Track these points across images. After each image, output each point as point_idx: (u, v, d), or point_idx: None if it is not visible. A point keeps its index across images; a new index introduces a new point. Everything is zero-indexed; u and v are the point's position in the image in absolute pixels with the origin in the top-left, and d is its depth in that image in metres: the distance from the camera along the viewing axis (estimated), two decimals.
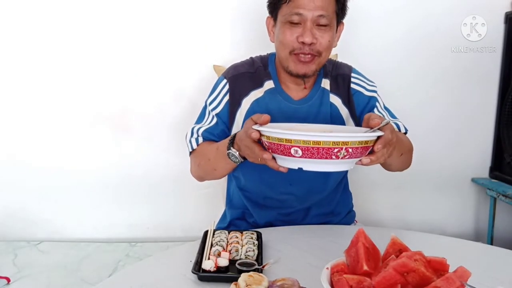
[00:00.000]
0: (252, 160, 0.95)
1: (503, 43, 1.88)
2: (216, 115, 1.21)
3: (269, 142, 0.85)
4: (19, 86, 1.78)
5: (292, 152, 0.81)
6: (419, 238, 1.10)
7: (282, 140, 0.81)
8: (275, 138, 0.83)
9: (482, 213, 2.01)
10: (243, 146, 0.95)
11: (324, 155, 0.79)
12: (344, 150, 0.79)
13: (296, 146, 0.80)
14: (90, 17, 1.76)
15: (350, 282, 0.62)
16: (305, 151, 0.79)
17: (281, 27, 1.11)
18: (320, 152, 0.79)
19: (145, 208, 1.90)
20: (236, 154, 1.01)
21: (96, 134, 1.83)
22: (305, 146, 0.79)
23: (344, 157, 0.80)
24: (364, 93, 1.23)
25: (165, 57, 1.81)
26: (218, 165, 1.13)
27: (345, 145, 0.78)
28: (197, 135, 1.20)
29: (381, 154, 0.86)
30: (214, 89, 1.23)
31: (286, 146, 0.81)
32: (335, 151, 0.79)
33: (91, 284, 1.47)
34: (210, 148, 1.15)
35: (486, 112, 1.95)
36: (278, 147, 0.83)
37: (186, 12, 1.79)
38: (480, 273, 0.66)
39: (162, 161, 1.87)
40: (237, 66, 1.25)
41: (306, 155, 0.80)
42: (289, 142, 0.80)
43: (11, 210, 1.84)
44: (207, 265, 0.86)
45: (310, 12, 1.06)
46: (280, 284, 0.73)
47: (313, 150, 0.79)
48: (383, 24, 1.85)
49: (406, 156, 1.16)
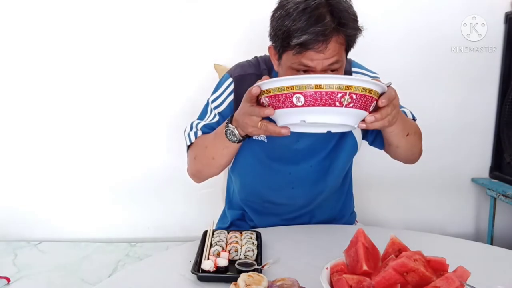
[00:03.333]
0: (252, 129, 0.90)
1: (503, 43, 1.88)
2: (218, 114, 1.15)
3: (269, 97, 0.82)
4: (20, 87, 1.79)
5: (294, 100, 0.77)
6: (419, 238, 1.09)
7: (283, 89, 0.78)
8: (276, 89, 0.79)
9: (482, 213, 2.01)
10: (242, 116, 0.91)
11: (327, 102, 0.76)
12: (348, 95, 0.76)
13: (298, 92, 0.77)
14: (91, 17, 1.76)
15: (349, 282, 0.62)
16: (308, 97, 0.76)
17: (286, 71, 0.99)
18: (323, 97, 0.76)
19: (145, 208, 1.90)
20: (235, 131, 0.96)
21: (96, 134, 1.83)
22: (307, 92, 0.76)
23: (348, 104, 0.77)
24: None
25: (165, 57, 1.81)
26: (215, 152, 1.07)
27: (348, 90, 0.76)
28: (196, 129, 1.15)
29: (385, 113, 0.83)
30: (218, 87, 1.18)
31: (288, 95, 0.78)
32: (339, 97, 0.76)
33: (91, 284, 1.47)
34: (207, 136, 1.10)
35: (486, 112, 1.95)
36: (279, 98, 0.80)
37: (187, 12, 1.79)
38: (479, 273, 0.66)
39: (162, 161, 1.87)
40: (244, 66, 1.18)
41: (308, 102, 0.77)
42: (291, 89, 0.77)
43: (11, 210, 1.84)
44: (206, 265, 0.85)
45: (320, 63, 0.94)
46: (279, 284, 0.73)
47: (316, 95, 0.76)
48: (383, 24, 1.85)
49: (413, 138, 1.11)
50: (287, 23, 0.93)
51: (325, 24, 0.90)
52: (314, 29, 0.90)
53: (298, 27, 0.91)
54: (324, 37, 0.91)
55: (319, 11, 0.91)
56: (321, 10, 0.91)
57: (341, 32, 0.93)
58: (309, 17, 0.91)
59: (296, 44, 0.92)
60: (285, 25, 0.93)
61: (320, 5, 0.91)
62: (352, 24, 0.95)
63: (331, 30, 0.91)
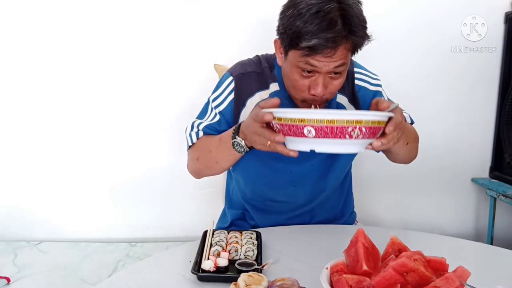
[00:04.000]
0: (260, 146, 0.91)
1: (503, 43, 1.88)
2: (219, 113, 1.16)
3: (280, 124, 0.83)
4: (20, 87, 1.78)
5: (305, 132, 0.79)
6: (419, 238, 1.09)
7: (295, 120, 0.80)
8: (287, 119, 0.81)
9: (482, 213, 2.01)
10: (251, 133, 0.91)
11: (337, 135, 0.78)
12: (357, 129, 0.78)
13: (309, 125, 0.78)
14: (91, 17, 1.76)
15: (349, 282, 0.62)
16: (319, 130, 0.78)
17: (291, 67, 1.00)
18: (334, 131, 0.78)
19: (145, 208, 1.90)
20: (242, 143, 0.97)
21: (96, 134, 1.83)
22: (318, 126, 0.77)
23: (357, 136, 0.79)
24: (369, 88, 1.19)
25: (165, 56, 1.81)
26: (220, 157, 1.08)
27: (358, 124, 0.78)
28: (197, 129, 1.16)
29: (392, 137, 0.85)
30: (219, 86, 1.18)
31: (299, 126, 0.79)
32: (349, 130, 0.78)
33: (91, 284, 1.47)
34: (211, 140, 1.11)
35: (486, 112, 1.95)
36: (290, 128, 0.81)
37: (187, 12, 1.79)
38: (479, 273, 0.66)
39: (162, 161, 1.87)
40: (244, 64, 1.19)
41: (319, 134, 0.78)
42: (303, 122, 0.79)
43: (11, 210, 1.84)
44: (206, 265, 0.86)
45: (326, 65, 0.95)
46: (279, 284, 0.73)
47: (327, 129, 0.78)
48: (383, 24, 1.84)
49: (412, 145, 1.13)
50: (299, 24, 0.93)
51: (336, 31, 0.91)
52: (325, 34, 0.91)
53: (310, 30, 0.91)
54: (334, 44, 0.92)
55: (332, 15, 0.91)
56: (333, 14, 0.91)
57: (350, 40, 0.94)
58: (321, 21, 0.91)
59: (306, 47, 0.93)
60: (296, 25, 0.93)
61: (333, 9, 0.91)
62: (362, 32, 0.96)
63: (341, 38, 0.92)
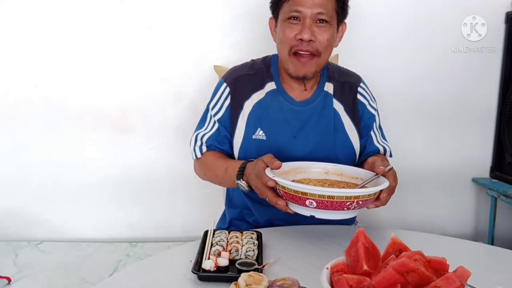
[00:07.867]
0: (262, 197, 0.99)
1: (503, 43, 1.88)
2: (217, 121, 1.21)
3: (284, 192, 0.91)
4: (19, 85, 1.78)
5: (307, 203, 0.88)
6: (419, 238, 1.09)
7: (298, 192, 0.88)
8: (291, 190, 0.89)
9: (483, 213, 2.01)
10: (253, 186, 1.01)
11: (337, 207, 0.87)
12: (355, 202, 0.87)
13: (311, 199, 0.87)
14: (91, 17, 1.76)
15: (350, 282, 0.62)
16: (320, 203, 0.87)
17: (281, 25, 1.13)
18: (333, 204, 0.86)
19: (145, 208, 1.90)
20: (246, 186, 1.05)
21: (97, 134, 1.83)
22: (320, 200, 0.86)
23: (354, 208, 0.89)
24: (367, 107, 1.25)
25: (165, 57, 1.81)
26: (225, 183, 1.21)
27: (356, 199, 0.87)
28: (200, 143, 1.22)
29: (385, 201, 0.96)
30: (215, 93, 1.24)
31: (302, 198, 0.88)
32: (347, 204, 0.87)
33: (92, 284, 1.47)
34: (217, 165, 1.18)
35: (487, 112, 1.95)
36: (293, 197, 0.90)
37: (187, 13, 1.79)
38: (480, 273, 0.66)
39: (163, 161, 1.87)
40: (237, 69, 1.25)
41: (320, 206, 0.87)
42: (305, 195, 0.87)
43: (11, 210, 1.84)
44: (207, 265, 0.86)
45: (309, 10, 1.08)
46: (280, 284, 0.73)
47: (327, 203, 0.86)
48: (383, 24, 1.85)
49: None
50: None
51: None
52: None
53: None
54: None
55: None
56: None
57: None
58: None
59: None
60: None
61: None
62: None
63: None
